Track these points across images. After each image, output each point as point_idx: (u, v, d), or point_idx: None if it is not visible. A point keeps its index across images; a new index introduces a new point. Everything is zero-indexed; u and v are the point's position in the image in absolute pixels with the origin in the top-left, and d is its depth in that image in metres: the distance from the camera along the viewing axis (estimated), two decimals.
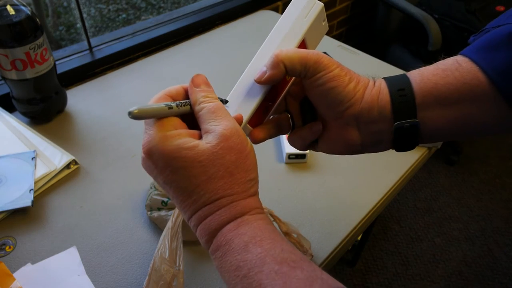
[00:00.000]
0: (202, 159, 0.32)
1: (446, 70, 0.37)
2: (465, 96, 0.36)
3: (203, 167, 0.32)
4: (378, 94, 0.38)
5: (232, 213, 0.32)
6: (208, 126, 0.34)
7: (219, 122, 0.33)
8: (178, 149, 0.32)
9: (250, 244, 0.31)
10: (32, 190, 0.63)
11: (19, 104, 0.76)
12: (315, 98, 0.40)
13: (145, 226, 0.61)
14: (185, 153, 0.32)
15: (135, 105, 0.33)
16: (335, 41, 1.09)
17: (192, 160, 0.32)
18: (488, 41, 0.36)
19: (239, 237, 0.31)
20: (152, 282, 0.48)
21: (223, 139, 0.32)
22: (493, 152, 1.93)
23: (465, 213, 1.65)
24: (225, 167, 0.32)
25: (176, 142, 0.32)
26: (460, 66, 0.36)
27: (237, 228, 0.32)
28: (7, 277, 0.53)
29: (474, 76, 0.35)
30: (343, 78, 0.38)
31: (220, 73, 0.94)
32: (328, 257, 0.59)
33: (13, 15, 0.66)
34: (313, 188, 0.69)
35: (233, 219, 0.32)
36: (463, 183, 1.78)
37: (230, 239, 0.32)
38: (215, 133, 0.33)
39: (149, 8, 1.95)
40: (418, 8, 1.51)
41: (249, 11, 1.26)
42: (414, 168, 0.75)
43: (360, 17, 2.00)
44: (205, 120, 0.34)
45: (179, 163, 0.32)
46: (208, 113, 0.34)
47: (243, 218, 0.33)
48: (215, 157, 0.32)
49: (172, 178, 0.33)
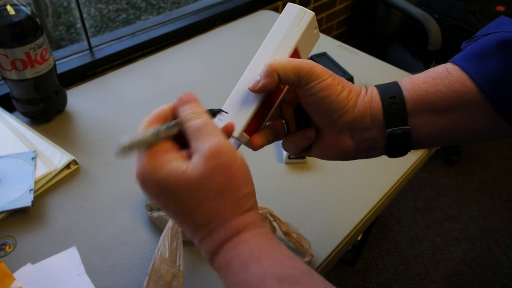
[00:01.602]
0: (191, 184, 0.32)
1: (436, 78, 0.37)
2: (454, 104, 0.36)
3: (193, 191, 0.32)
4: (370, 102, 0.39)
5: (228, 233, 0.32)
6: (196, 145, 0.33)
7: (205, 141, 0.33)
8: (168, 177, 0.32)
9: (250, 263, 0.31)
10: (32, 190, 0.63)
11: (19, 104, 0.76)
12: (309, 106, 0.40)
13: (145, 226, 0.61)
14: (175, 180, 0.32)
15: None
16: (335, 41, 1.09)
17: (182, 186, 0.32)
18: (477, 49, 0.37)
19: (238, 258, 0.32)
20: (152, 282, 0.48)
21: (209, 159, 0.32)
22: (493, 152, 1.93)
23: (465, 213, 1.65)
24: (214, 189, 0.32)
25: (166, 170, 0.32)
26: (449, 75, 0.37)
27: (234, 248, 0.32)
28: (7, 277, 0.53)
29: (464, 84, 0.36)
30: (336, 87, 0.38)
31: (220, 73, 0.94)
32: (328, 257, 0.59)
33: (13, 15, 0.66)
34: (313, 188, 0.69)
35: (229, 239, 0.32)
36: (463, 183, 1.78)
37: (229, 260, 0.32)
38: (201, 154, 0.32)
39: (149, 8, 1.95)
40: (418, 8, 1.51)
41: (249, 11, 1.27)
42: (414, 168, 0.75)
43: (360, 17, 2.00)
44: (192, 139, 0.34)
45: (171, 190, 0.32)
46: (194, 131, 0.34)
47: (239, 236, 0.32)
48: (203, 180, 0.32)
49: (167, 203, 0.33)
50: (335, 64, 0.93)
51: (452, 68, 0.37)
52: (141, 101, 0.86)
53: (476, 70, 0.36)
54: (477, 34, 0.39)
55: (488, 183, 1.78)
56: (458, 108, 0.37)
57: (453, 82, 0.36)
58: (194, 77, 0.94)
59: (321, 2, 1.66)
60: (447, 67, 0.38)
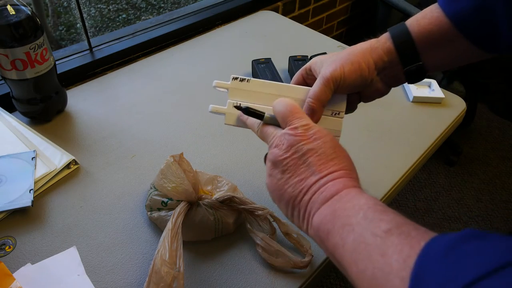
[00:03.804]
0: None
1: (431, 18, 0.47)
2: (444, 40, 0.47)
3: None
4: (387, 52, 0.49)
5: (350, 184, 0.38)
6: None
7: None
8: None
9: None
10: (32, 190, 0.63)
11: (19, 104, 0.76)
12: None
13: (145, 226, 0.61)
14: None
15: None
16: (335, 42, 1.09)
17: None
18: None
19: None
20: (152, 284, 0.48)
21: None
22: (493, 152, 1.93)
23: (465, 214, 1.65)
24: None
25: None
26: (437, 16, 0.47)
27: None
28: (7, 277, 0.53)
29: (443, 21, 0.47)
30: (356, 72, 0.48)
31: (220, 73, 0.94)
32: (328, 257, 0.59)
33: (13, 15, 0.66)
34: None
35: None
36: (463, 183, 1.78)
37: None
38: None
39: (149, 8, 1.95)
40: (418, 9, 1.51)
41: (249, 11, 1.27)
42: (414, 169, 0.75)
43: (360, 18, 2.00)
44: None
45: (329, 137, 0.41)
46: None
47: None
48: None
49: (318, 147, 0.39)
50: None
51: (436, 10, 0.48)
52: (141, 101, 0.86)
53: (451, 11, 0.46)
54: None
55: (488, 184, 1.78)
56: (447, 43, 0.47)
57: (441, 23, 0.47)
58: (194, 77, 0.94)
59: (321, 3, 1.66)
60: (434, 9, 0.48)
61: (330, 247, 0.35)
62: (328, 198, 0.36)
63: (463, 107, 0.88)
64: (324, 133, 0.39)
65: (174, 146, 0.75)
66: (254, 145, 0.76)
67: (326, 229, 0.35)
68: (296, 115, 0.41)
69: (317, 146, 0.38)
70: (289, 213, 0.39)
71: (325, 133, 0.39)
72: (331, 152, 0.38)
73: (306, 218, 0.37)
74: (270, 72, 0.90)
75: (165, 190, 0.56)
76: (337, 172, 0.37)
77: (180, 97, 0.88)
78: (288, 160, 0.38)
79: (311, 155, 0.38)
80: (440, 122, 0.84)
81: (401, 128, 0.82)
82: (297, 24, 1.18)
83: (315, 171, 0.37)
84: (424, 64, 0.48)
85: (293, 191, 0.38)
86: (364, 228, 0.32)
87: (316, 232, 0.36)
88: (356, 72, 0.47)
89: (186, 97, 0.88)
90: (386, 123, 0.83)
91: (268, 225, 0.58)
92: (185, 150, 0.66)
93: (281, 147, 0.39)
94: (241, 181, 0.67)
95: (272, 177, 0.40)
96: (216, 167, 0.71)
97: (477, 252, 0.24)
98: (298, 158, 0.38)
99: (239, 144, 0.76)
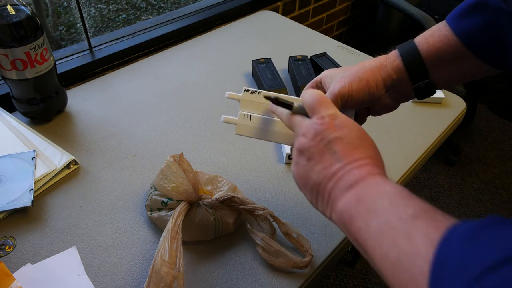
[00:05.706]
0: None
1: (440, 37, 0.48)
2: (451, 57, 0.48)
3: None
4: (395, 70, 0.50)
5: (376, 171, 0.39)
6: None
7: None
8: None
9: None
10: (32, 190, 0.63)
11: (19, 104, 0.76)
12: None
13: (145, 226, 0.61)
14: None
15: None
16: (335, 42, 1.09)
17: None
18: (460, 9, 0.48)
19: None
20: (152, 284, 0.48)
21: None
22: (493, 152, 1.93)
23: (465, 214, 1.65)
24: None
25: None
26: (445, 34, 0.48)
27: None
28: (7, 277, 0.53)
29: (452, 38, 0.48)
30: (365, 89, 0.50)
31: (220, 73, 0.94)
32: (328, 257, 0.59)
33: (13, 15, 0.66)
34: None
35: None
36: (463, 183, 1.78)
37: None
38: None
39: (149, 8, 1.95)
40: (418, 9, 1.51)
41: (249, 11, 1.27)
42: (414, 169, 0.75)
43: (360, 18, 2.00)
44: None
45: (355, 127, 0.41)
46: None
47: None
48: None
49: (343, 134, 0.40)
50: (335, 64, 0.93)
51: (444, 28, 0.49)
52: (141, 101, 0.86)
53: (459, 28, 0.47)
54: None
55: (488, 184, 1.78)
56: (455, 60, 0.48)
57: (450, 40, 0.48)
58: (194, 77, 0.94)
59: (321, 3, 1.66)
60: (442, 27, 0.49)
61: (353, 232, 0.35)
62: (352, 184, 0.36)
63: (463, 107, 0.88)
64: (351, 122, 0.40)
65: (174, 146, 0.75)
66: (254, 145, 0.76)
67: (350, 214, 0.35)
68: (323, 105, 0.41)
69: (343, 134, 0.38)
70: (313, 199, 0.40)
71: (352, 123, 0.40)
72: (356, 140, 0.38)
73: (330, 203, 0.38)
74: (270, 72, 0.90)
75: (165, 190, 0.56)
76: (362, 160, 0.37)
77: (180, 97, 0.88)
78: (314, 147, 0.39)
79: (337, 143, 0.38)
80: (440, 122, 0.84)
81: (401, 128, 0.82)
82: (297, 24, 1.18)
83: (340, 158, 0.37)
84: (433, 81, 0.49)
85: (318, 178, 0.38)
86: (389, 213, 0.32)
87: (340, 217, 0.36)
88: (364, 89, 0.49)
89: (186, 97, 0.88)
90: (386, 123, 0.83)
91: (268, 225, 0.58)
92: (185, 150, 0.66)
93: (307, 136, 0.40)
94: (241, 181, 0.67)
95: (298, 165, 0.40)
96: (216, 167, 0.71)
97: (500, 237, 0.25)
98: (324, 145, 0.38)
99: (239, 144, 0.76)
